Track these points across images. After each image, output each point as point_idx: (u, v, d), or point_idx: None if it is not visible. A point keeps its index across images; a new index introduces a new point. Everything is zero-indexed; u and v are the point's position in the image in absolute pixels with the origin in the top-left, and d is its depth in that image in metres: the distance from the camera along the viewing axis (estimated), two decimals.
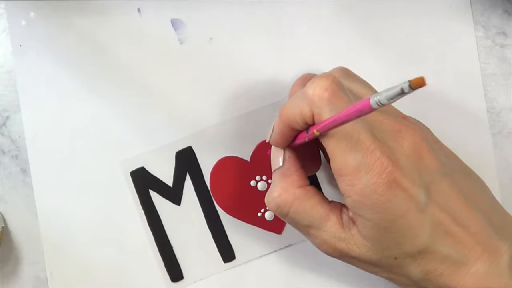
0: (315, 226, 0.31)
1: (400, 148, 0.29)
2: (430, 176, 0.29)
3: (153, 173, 0.38)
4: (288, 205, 0.31)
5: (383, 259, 0.30)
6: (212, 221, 0.39)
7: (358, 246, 0.30)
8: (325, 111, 0.28)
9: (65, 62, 0.39)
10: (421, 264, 0.29)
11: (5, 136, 0.39)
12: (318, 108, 0.28)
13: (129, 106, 0.39)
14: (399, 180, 0.28)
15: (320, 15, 0.39)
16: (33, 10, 0.38)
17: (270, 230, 0.39)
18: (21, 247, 0.38)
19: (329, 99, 0.28)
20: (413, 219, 0.28)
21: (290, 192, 0.31)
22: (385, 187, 0.27)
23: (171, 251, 0.38)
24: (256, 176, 0.39)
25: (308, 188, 0.31)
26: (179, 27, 0.39)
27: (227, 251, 0.39)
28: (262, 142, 0.39)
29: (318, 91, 0.28)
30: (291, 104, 0.30)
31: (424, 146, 0.30)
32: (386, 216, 0.28)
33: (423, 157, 0.30)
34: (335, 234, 0.30)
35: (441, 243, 0.29)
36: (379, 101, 0.21)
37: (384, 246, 0.29)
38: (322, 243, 0.31)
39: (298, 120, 0.30)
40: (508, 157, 0.39)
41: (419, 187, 0.28)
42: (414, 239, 0.29)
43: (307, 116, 0.29)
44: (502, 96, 0.39)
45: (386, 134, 0.29)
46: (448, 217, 0.29)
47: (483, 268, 0.29)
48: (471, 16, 0.39)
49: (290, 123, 0.30)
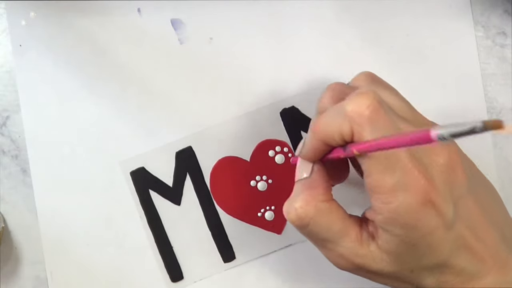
0: (333, 241, 0.30)
1: (435, 164, 0.28)
2: (458, 192, 0.29)
3: (153, 173, 0.38)
4: (309, 218, 0.30)
5: (399, 272, 0.30)
6: (212, 221, 0.39)
7: (376, 261, 0.30)
8: (366, 130, 0.27)
9: (65, 63, 0.39)
10: (437, 277, 0.29)
11: (5, 136, 0.39)
12: (359, 126, 0.27)
13: (129, 106, 0.39)
14: (434, 199, 0.27)
15: (320, 15, 0.39)
16: (33, 10, 0.38)
17: (270, 230, 0.39)
18: (21, 247, 0.38)
19: (371, 117, 0.27)
20: (440, 236, 0.28)
21: (312, 205, 0.30)
22: (419, 206, 0.27)
23: (171, 251, 0.38)
24: (256, 176, 0.39)
25: (331, 202, 0.31)
26: (179, 27, 0.39)
27: (227, 251, 0.39)
28: (262, 142, 0.39)
29: (359, 108, 0.27)
30: (328, 119, 0.29)
31: (458, 161, 0.29)
32: (415, 233, 0.28)
33: (455, 173, 0.29)
34: (353, 250, 0.30)
35: (459, 257, 0.29)
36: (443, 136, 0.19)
37: (404, 260, 0.29)
38: (338, 257, 0.31)
39: (336, 137, 0.29)
40: (508, 157, 0.39)
41: (449, 203, 0.28)
42: (436, 254, 0.28)
43: (346, 134, 0.28)
44: (502, 96, 0.39)
45: (421, 150, 0.28)
46: (470, 233, 0.29)
47: (493, 281, 0.29)
48: (471, 16, 0.39)
49: (326, 140, 0.29)
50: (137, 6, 0.39)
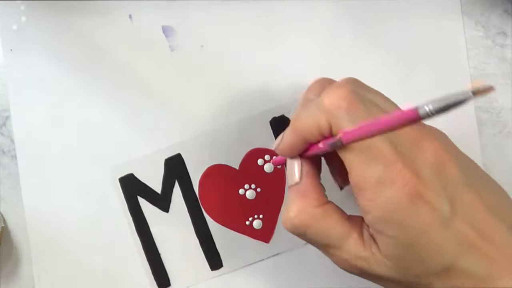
0: (334, 245, 0.30)
1: (422, 158, 0.27)
2: (453, 187, 0.28)
3: (142, 180, 0.39)
4: (305, 226, 0.29)
5: (405, 278, 0.28)
6: (200, 229, 0.39)
7: (379, 265, 0.29)
8: (344, 121, 0.27)
9: (56, 68, 0.39)
10: (445, 282, 0.28)
11: (5, 136, 0.39)
12: (337, 118, 0.27)
13: (119, 113, 0.39)
14: (423, 193, 0.26)
15: (313, 21, 0.39)
16: (24, 15, 0.39)
17: (258, 239, 0.38)
18: (21, 247, 0.39)
19: (348, 108, 0.27)
20: (438, 234, 0.27)
21: (307, 212, 0.29)
22: (408, 201, 0.26)
23: (158, 258, 0.39)
24: (245, 185, 0.38)
25: (326, 206, 0.30)
26: (170, 34, 0.39)
27: (214, 258, 0.39)
28: (251, 151, 0.38)
29: (335, 101, 0.27)
30: (305, 115, 0.29)
31: (447, 155, 0.28)
32: (409, 232, 0.26)
33: (445, 167, 0.28)
34: (356, 253, 0.29)
35: (466, 259, 0.27)
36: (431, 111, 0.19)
37: (407, 265, 0.28)
38: (342, 262, 0.30)
39: (314, 132, 0.28)
40: (508, 157, 0.39)
41: (443, 199, 0.27)
42: (438, 256, 0.27)
43: (323, 128, 0.27)
44: (502, 96, 0.39)
45: (406, 144, 0.27)
46: (473, 230, 0.27)
47: (510, 282, 0.27)
48: (461, 18, 0.38)
49: (305, 135, 0.29)
50: (129, 13, 0.39)
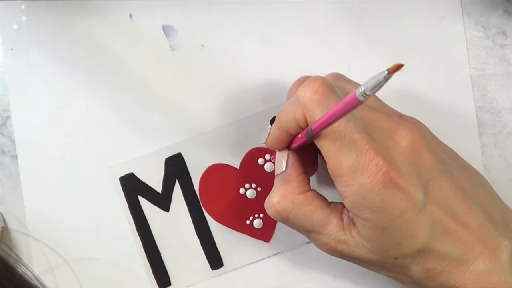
0: (315, 230, 0.31)
1: (397, 147, 0.29)
2: (428, 174, 0.29)
3: (142, 179, 0.39)
4: (287, 212, 0.31)
5: (383, 259, 0.30)
6: (200, 228, 0.39)
7: (358, 247, 0.30)
8: (316, 113, 0.28)
9: (56, 67, 0.39)
10: (421, 263, 0.29)
11: (5, 136, 0.39)
12: (309, 110, 0.29)
13: (119, 112, 0.39)
14: (396, 179, 0.28)
15: (312, 21, 0.39)
16: (25, 14, 0.39)
17: (259, 238, 0.38)
18: (21, 247, 0.39)
19: (319, 100, 0.28)
20: (411, 218, 0.28)
21: (289, 199, 0.31)
22: (381, 187, 0.27)
23: (159, 258, 0.38)
24: (245, 184, 0.38)
25: (307, 193, 0.31)
26: (171, 33, 0.39)
27: (215, 258, 0.39)
28: (251, 150, 0.39)
29: (308, 94, 0.29)
30: (285, 109, 0.31)
31: (423, 144, 0.30)
32: (384, 216, 0.28)
33: (421, 155, 0.29)
34: (336, 237, 0.31)
35: (440, 241, 0.29)
36: (364, 91, 0.22)
37: (384, 246, 0.29)
38: (323, 245, 0.32)
39: (293, 125, 0.30)
40: (508, 157, 0.39)
41: (416, 186, 0.28)
42: (413, 238, 0.29)
43: (300, 120, 0.29)
44: (502, 96, 0.39)
45: (382, 133, 0.29)
46: (447, 214, 0.29)
47: (483, 265, 0.29)
48: (461, 18, 0.38)
49: (286, 128, 0.31)
50: (129, 12, 0.39)
